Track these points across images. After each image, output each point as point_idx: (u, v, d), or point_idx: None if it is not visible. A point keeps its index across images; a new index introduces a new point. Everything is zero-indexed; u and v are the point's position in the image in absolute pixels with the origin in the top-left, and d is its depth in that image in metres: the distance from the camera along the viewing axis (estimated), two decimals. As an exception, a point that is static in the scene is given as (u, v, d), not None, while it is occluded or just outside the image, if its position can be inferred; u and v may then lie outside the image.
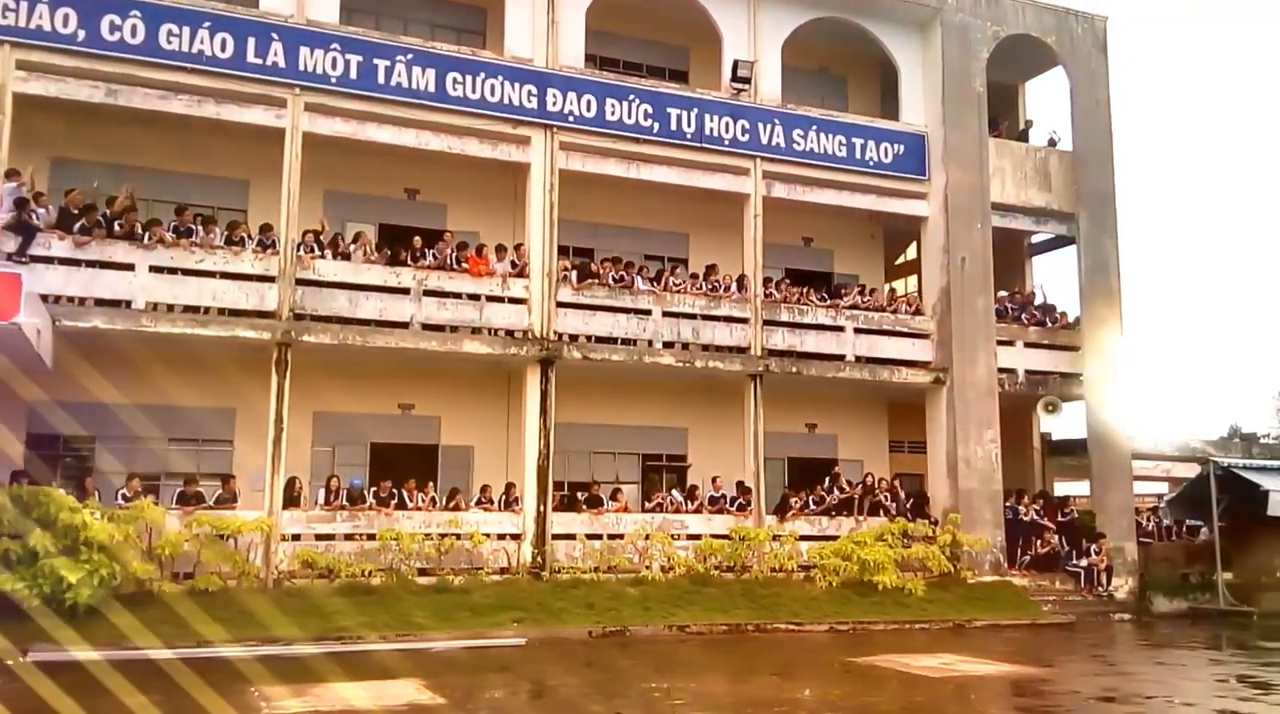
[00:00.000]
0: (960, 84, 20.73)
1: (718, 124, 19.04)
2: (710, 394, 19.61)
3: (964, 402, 19.94)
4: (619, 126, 18.38)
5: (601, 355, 17.92)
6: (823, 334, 19.65)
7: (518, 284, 17.62)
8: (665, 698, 10.31)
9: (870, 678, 11.81)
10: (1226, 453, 23.00)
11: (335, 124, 16.85)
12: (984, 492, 19.77)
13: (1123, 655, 15.22)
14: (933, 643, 14.73)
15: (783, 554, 17.94)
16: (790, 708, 10.02)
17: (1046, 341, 21.43)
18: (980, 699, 10.89)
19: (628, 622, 15.10)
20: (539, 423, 17.28)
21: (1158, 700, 10.69)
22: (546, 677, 11.98)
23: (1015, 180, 21.24)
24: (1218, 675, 12.56)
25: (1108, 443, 21.00)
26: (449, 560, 16.05)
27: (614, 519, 17.55)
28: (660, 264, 20.24)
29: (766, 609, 16.26)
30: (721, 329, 18.88)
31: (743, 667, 12.76)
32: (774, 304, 19.39)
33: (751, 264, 19.27)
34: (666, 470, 20.35)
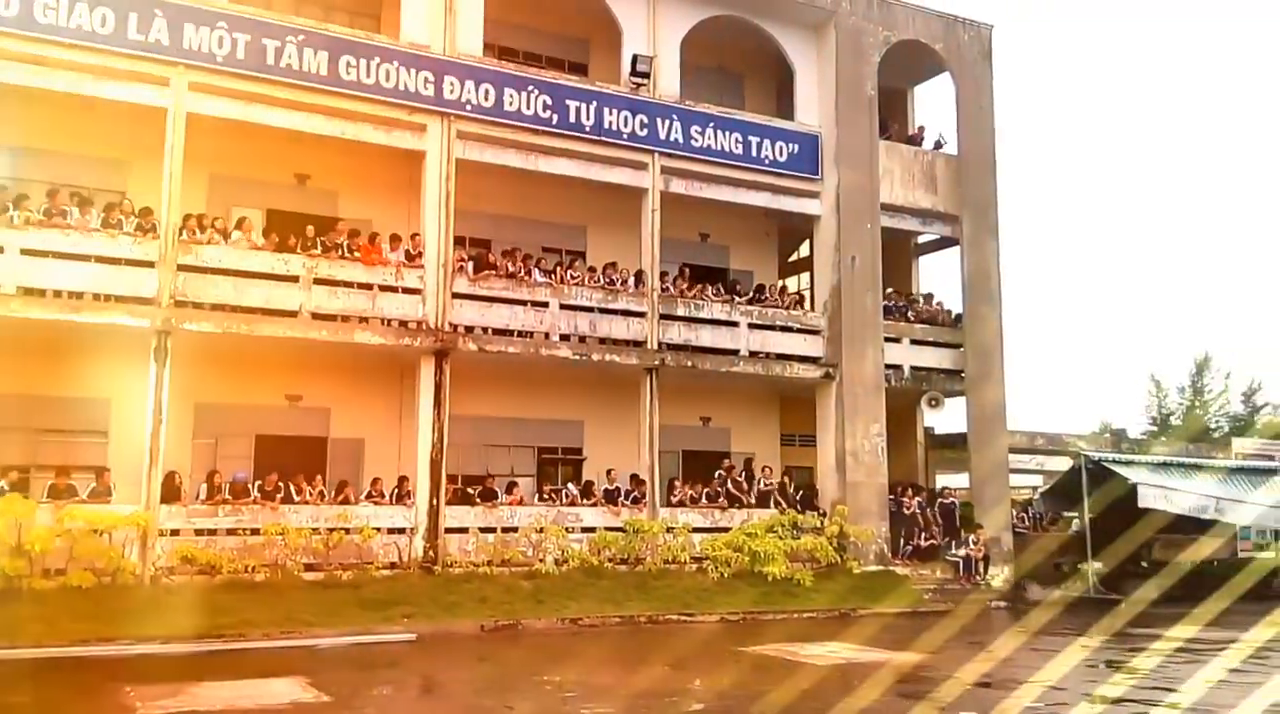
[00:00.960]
0: (853, 87, 21.21)
1: (617, 118, 19.07)
2: (606, 387, 19.66)
3: (852, 396, 20.45)
4: (518, 117, 18.24)
5: (498, 347, 17.77)
6: (718, 329, 19.90)
7: (412, 274, 17.34)
8: (557, 691, 10.30)
9: (759, 667, 12.02)
10: (1097, 448, 24.08)
11: (221, 105, 16.29)
12: (870, 484, 20.32)
13: (999, 642, 15.81)
14: (820, 631, 15.06)
15: (675, 546, 18.11)
16: (681, 698, 10.13)
17: (931, 339, 22.13)
18: (864, 685, 11.18)
19: (521, 615, 15.04)
20: (433, 415, 17.05)
21: (1031, 685, 11.15)
22: (437, 672, 11.85)
23: (903, 182, 21.85)
24: (1088, 661, 13.16)
25: (986, 437, 21.81)
26: (337, 555, 15.72)
27: (508, 512, 17.45)
28: (558, 257, 20.19)
29: (659, 601, 16.40)
30: (618, 323, 18.93)
31: (635, 658, 12.83)
32: (670, 299, 19.55)
33: (649, 258, 19.37)
34: (562, 463, 20.33)
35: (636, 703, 9.87)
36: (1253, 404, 47.65)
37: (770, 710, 9.59)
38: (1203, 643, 14.65)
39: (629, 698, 10.09)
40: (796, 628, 15.59)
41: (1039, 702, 10.20)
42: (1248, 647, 14.29)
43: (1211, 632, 16.01)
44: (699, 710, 9.92)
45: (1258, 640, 15.04)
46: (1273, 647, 14.40)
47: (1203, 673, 11.83)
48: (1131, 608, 19.49)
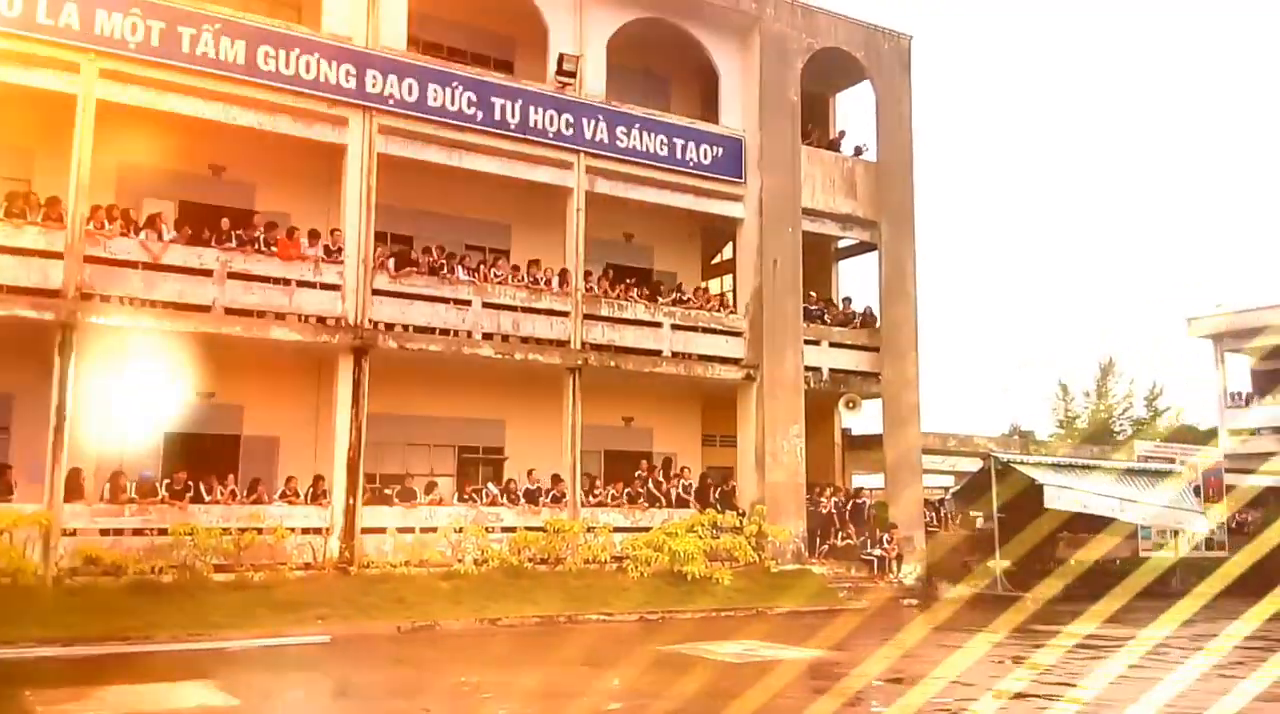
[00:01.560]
0: (776, 92, 21.48)
1: (542, 117, 19.02)
2: (529, 386, 19.59)
3: (773, 398, 20.72)
4: (441, 113, 18.08)
5: (419, 345, 17.59)
6: (641, 329, 19.98)
7: (331, 270, 17.06)
8: (475, 692, 10.25)
9: (677, 665, 12.11)
10: (1006, 449, 24.81)
11: (133, 93, 15.83)
12: (789, 484, 20.61)
13: (910, 639, 16.18)
14: (738, 630, 15.24)
15: (596, 546, 18.14)
16: (599, 698, 10.16)
17: (849, 342, 22.53)
18: (779, 683, 11.35)
19: (438, 616, 14.91)
20: (350, 413, 16.80)
21: (941, 680, 11.44)
22: (351, 675, 11.68)
23: (825, 187, 22.21)
24: (994, 657, 13.54)
25: (900, 438, 22.29)
26: (249, 556, 15.38)
27: (427, 512, 17.29)
28: (481, 255, 20.05)
29: (579, 600, 16.41)
30: (542, 322, 18.88)
31: (554, 658, 12.83)
32: (594, 298, 19.57)
33: (573, 258, 19.37)
34: (483, 463, 20.20)
35: (554, 702, 9.87)
36: (1154, 407, 49.52)
37: (685, 708, 9.68)
38: (1103, 639, 15.19)
39: (547, 697, 10.09)
40: (715, 626, 15.74)
41: (945, 696, 10.48)
42: (1146, 643, 14.85)
43: (1112, 628, 16.61)
44: (616, 709, 9.98)
45: (1155, 637, 15.64)
46: (1170, 643, 15.00)
47: (1103, 668, 12.28)
48: (1036, 604, 20.10)
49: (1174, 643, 14.95)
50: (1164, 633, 16.06)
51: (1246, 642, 15.58)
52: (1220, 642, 15.30)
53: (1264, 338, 32.45)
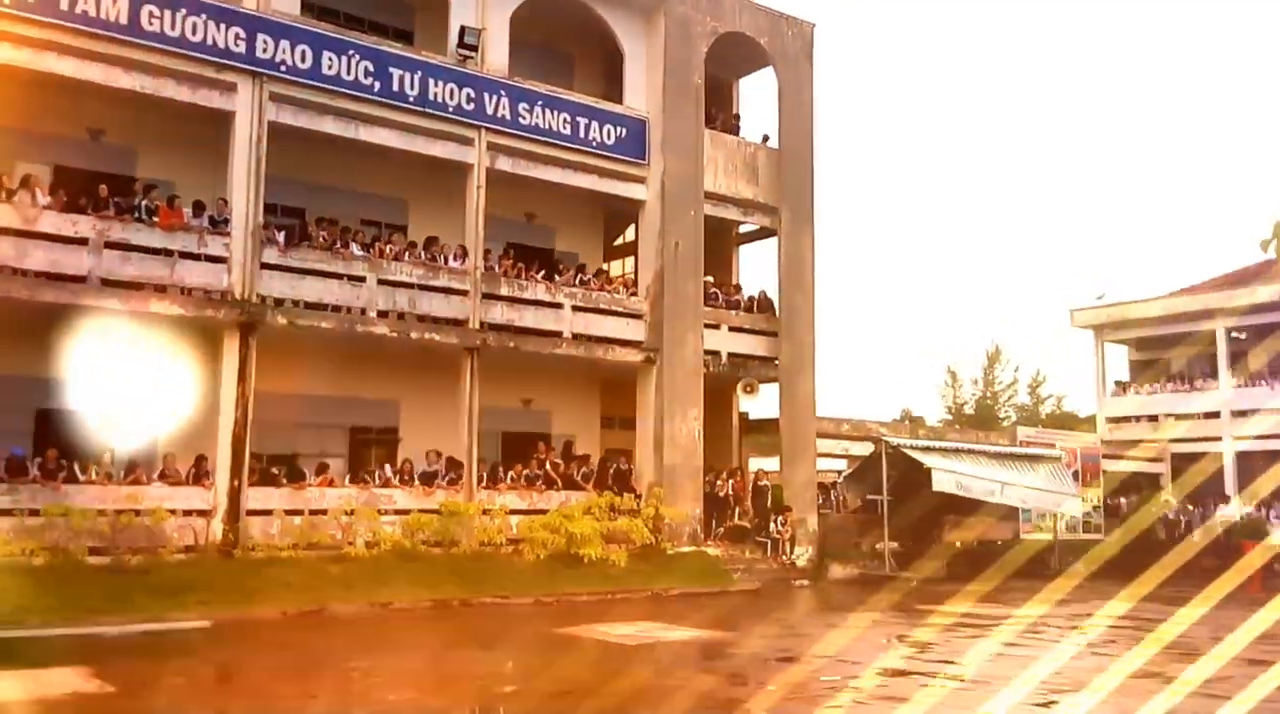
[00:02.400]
0: (681, 74, 21.46)
1: (442, 90, 18.61)
2: (425, 366, 19.22)
3: (672, 381, 20.78)
4: (337, 82, 17.53)
5: (310, 322, 17.09)
6: (541, 310, 19.79)
7: (216, 241, 16.42)
8: (363, 677, 10.03)
9: (571, 648, 12.08)
10: (897, 434, 25.40)
11: (6, 52, 14.92)
12: (686, 467, 20.73)
13: (801, 619, 16.50)
14: (633, 612, 15.28)
15: (492, 528, 17.95)
16: (492, 680, 10.06)
17: (748, 327, 22.74)
18: (672, 664, 11.42)
19: (328, 600, 14.56)
20: (236, 391, 16.23)
21: (829, 659, 11.66)
22: (234, 660, 11.32)
23: (727, 172, 22.31)
24: (880, 635, 13.88)
25: (797, 423, 22.63)
26: (126, 539, 14.74)
27: (316, 494, 16.84)
28: (377, 230, 19.57)
29: (473, 584, 16.22)
30: (439, 300, 18.53)
31: (447, 642, 12.66)
32: (494, 278, 19.30)
33: (473, 236, 19.04)
34: (377, 444, 19.77)
35: (446, 686, 9.73)
36: (1037, 395, 51.43)
37: (577, 689, 9.64)
38: (983, 617, 15.72)
39: (438, 681, 9.94)
40: (610, 608, 15.76)
41: (832, 673, 10.68)
42: (1023, 621, 15.41)
43: (991, 607, 17.20)
44: (509, 692, 9.89)
45: (1032, 615, 16.25)
46: (1046, 621, 15.59)
47: (982, 646, 12.69)
48: (922, 585, 20.69)
49: (1050, 621, 15.55)
50: (1040, 612, 16.69)
51: (1118, 621, 16.30)
52: (1094, 621, 15.98)
53: (1140, 329, 33.96)
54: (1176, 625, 15.31)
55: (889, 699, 9.14)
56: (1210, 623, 16.04)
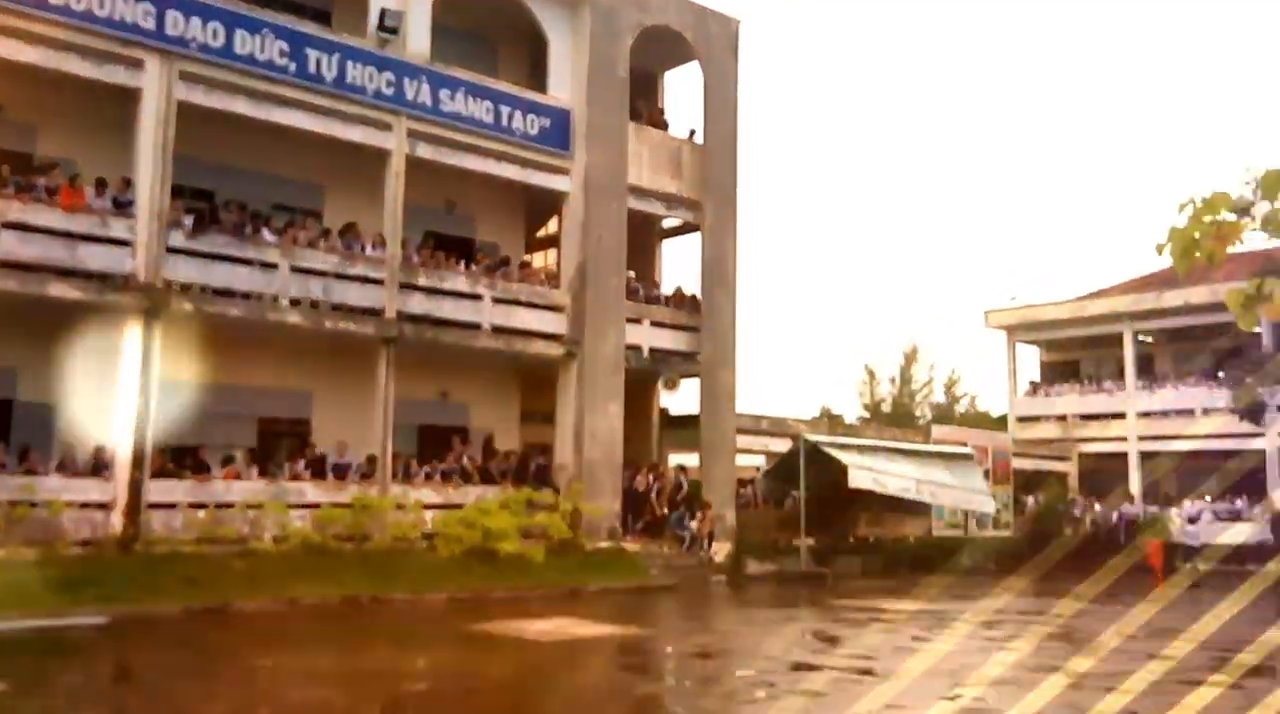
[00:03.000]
0: (606, 66, 21.31)
1: (361, 73, 18.16)
2: (339, 357, 18.77)
3: (593, 375, 20.65)
4: (250, 62, 16.97)
5: (218, 309, 16.53)
6: (460, 301, 19.45)
7: (120, 224, 15.77)
8: (269, 676, 9.71)
9: (485, 644, 11.89)
10: (816, 431, 25.65)
11: (-109, 16, 14.11)
12: (606, 462, 20.62)
13: (717, 615, 16.54)
14: (549, 608, 15.13)
15: (406, 523, 17.60)
16: (402, 679, 9.83)
17: (670, 322, 22.71)
18: (587, 660, 11.31)
19: (233, 597, 14.10)
20: (139, 380, 15.61)
21: (743, 654, 11.68)
22: (132, 658, 10.89)
23: (651, 166, 22.24)
24: (795, 631, 13.96)
25: (716, 419, 22.69)
26: (20, 532, 14.08)
27: (222, 487, 16.30)
28: (290, 215, 19.01)
29: (386, 580, 15.88)
30: (355, 289, 18.09)
31: (356, 639, 12.37)
32: (412, 267, 18.92)
33: (390, 224, 18.64)
34: (287, 435, 19.24)
35: (354, 685, 9.47)
36: (953, 394, 52.53)
37: (493, 688, 9.48)
38: (896, 612, 15.93)
39: (346, 680, 9.67)
40: (526, 605, 15.58)
41: (749, 669, 10.69)
42: (934, 616, 15.67)
43: (904, 602, 17.46)
44: (420, 690, 9.67)
45: (942, 610, 16.53)
46: (954, 615, 15.87)
47: (893, 640, 12.84)
48: (838, 581, 20.95)
49: (959, 616, 15.83)
50: (950, 606, 17.00)
51: (1024, 615, 16.68)
52: (1001, 615, 16.33)
53: (1051, 331, 34.89)
54: (1080, 620, 15.72)
55: (802, 694, 9.16)
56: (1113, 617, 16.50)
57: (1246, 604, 19.99)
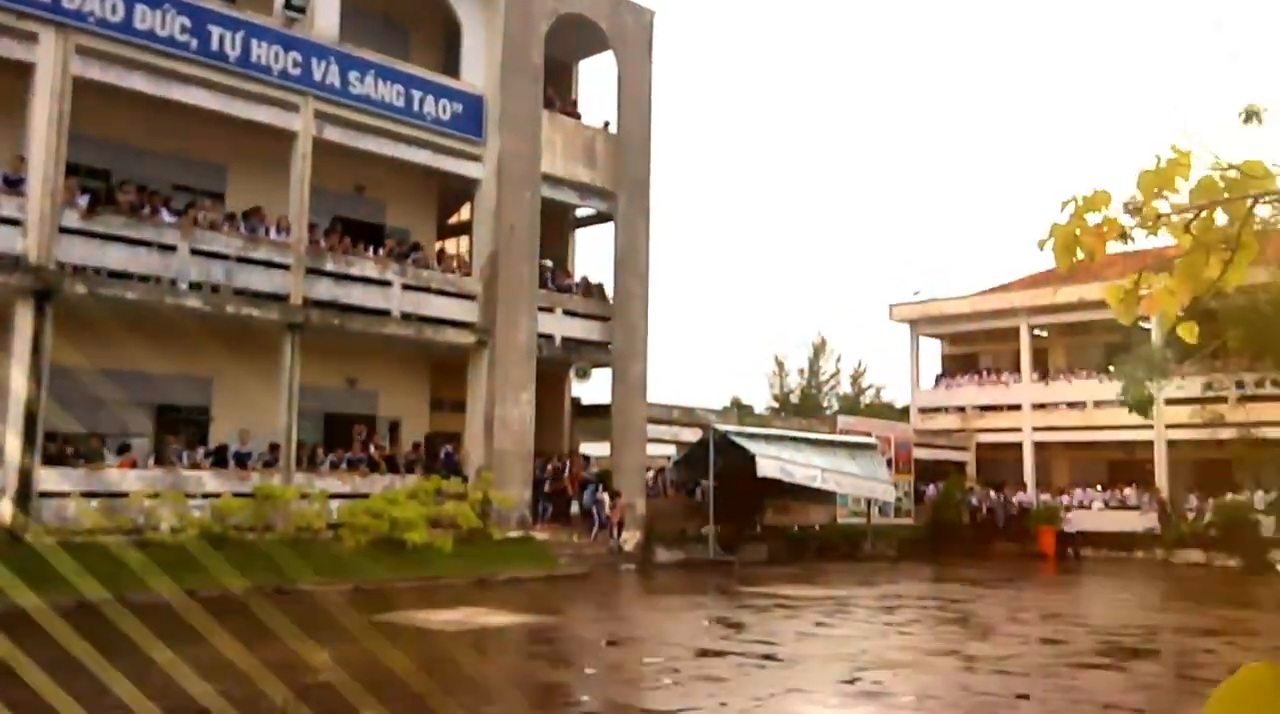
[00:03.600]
0: (520, 52, 21.16)
1: (266, 52, 17.70)
2: (242, 342, 18.30)
3: (504, 364, 20.54)
4: (150, 37, 16.40)
5: (113, 292, 15.98)
6: (369, 287, 19.15)
7: (10, 202, 15.11)
8: (162, 669, 9.44)
9: (390, 635, 11.76)
10: (725, 421, 25.95)
11: None
12: (517, 451, 20.55)
13: (626, 602, 16.65)
14: (457, 598, 15.05)
15: (310, 513, 17.29)
16: (302, 671, 9.67)
17: (582, 311, 22.72)
18: (494, 649, 11.29)
19: (127, 588, 13.66)
20: (29, 364, 15.00)
21: (650, 642, 11.79)
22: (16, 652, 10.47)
23: (565, 155, 22.18)
24: (702, 617, 14.16)
25: (628, 408, 22.80)
26: (-104, 522, 13.44)
27: (117, 475, 15.79)
28: (191, 197, 18.45)
29: (289, 571, 15.57)
30: (259, 274, 17.66)
31: (256, 631, 12.08)
32: (319, 252, 18.54)
33: (296, 207, 18.23)
34: (186, 423, 18.70)
35: (254, 676, 9.27)
36: (859, 385, 53.68)
37: (397, 678, 9.39)
38: (799, 599, 16.26)
39: (243, 672, 9.46)
40: (434, 595, 15.46)
41: (656, 656, 10.80)
42: (835, 602, 16.04)
43: (808, 588, 17.83)
44: (322, 682, 9.53)
45: (844, 596, 16.93)
46: (856, 601, 16.27)
47: (796, 625, 13.11)
48: (744, 569, 21.27)
49: (860, 602, 16.24)
50: (852, 593, 17.42)
51: (923, 600, 17.18)
52: (900, 600, 16.79)
53: (953, 325, 35.88)
54: (975, 604, 16.26)
55: (707, 679, 9.30)
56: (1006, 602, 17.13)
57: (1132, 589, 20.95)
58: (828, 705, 8.61)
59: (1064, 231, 2.65)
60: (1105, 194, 2.74)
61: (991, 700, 8.72)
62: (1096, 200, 2.70)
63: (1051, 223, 2.67)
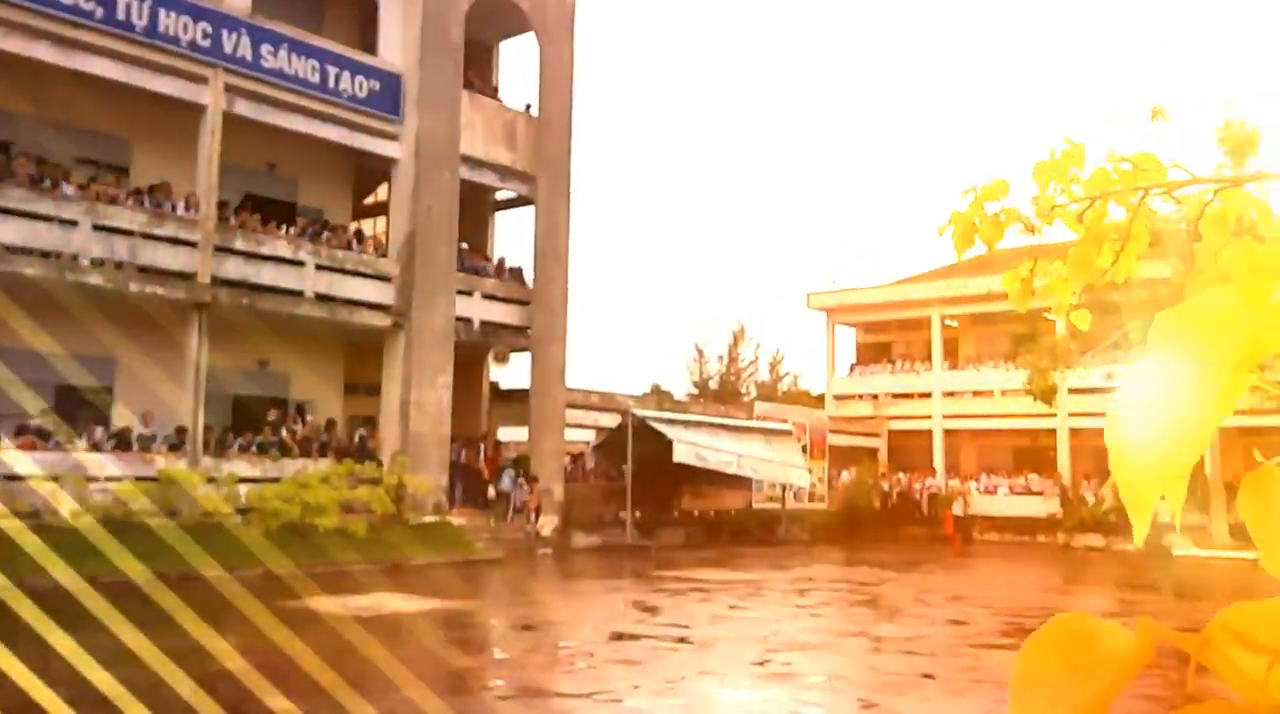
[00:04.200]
0: (439, 31, 20.82)
1: (175, 23, 17.11)
2: (146, 322, 17.70)
3: (421, 347, 20.27)
4: (53, 5, 15.72)
5: (10, 268, 15.33)
6: (282, 267, 18.71)
7: (-105, 171, 14.40)
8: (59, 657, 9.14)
9: (300, 621, 11.55)
10: (644, 407, 26.05)
11: None
12: (433, 436, 20.33)
13: (542, 587, 16.63)
14: (370, 583, 14.84)
15: (218, 497, 16.87)
16: (205, 658, 9.45)
17: (502, 295, 22.54)
18: (407, 636, 11.18)
19: (22, 575, 13.16)
20: (-84, 342, 14.34)
21: (565, 626, 11.80)
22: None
23: (485, 136, 21.93)
24: (617, 602, 14.22)
25: (547, 393, 22.72)
26: None
27: (14, 458, 15.17)
28: (95, 170, 17.78)
29: (195, 556, 15.18)
30: (165, 251, 17.12)
31: (161, 618, 11.77)
32: (229, 229, 18.05)
33: (205, 183, 17.70)
34: (87, 405, 18.04)
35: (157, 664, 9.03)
36: (777, 372, 54.32)
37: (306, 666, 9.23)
38: (714, 582, 16.44)
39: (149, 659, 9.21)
40: (346, 581, 15.23)
41: (571, 640, 10.81)
42: (749, 585, 16.26)
43: (722, 572, 18.03)
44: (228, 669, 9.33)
45: (758, 579, 17.16)
46: (769, 585, 16.51)
47: (710, 609, 13.26)
48: (661, 553, 21.41)
49: (773, 585, 16.48)
50: (766, 576, 17.67)
51: (833, 583, 17.51)
52: (812, 583, 17.09)
53: (867, 314, 36.53)
54: (884, 587, 16.64)
55: (621, 663, 9.35)
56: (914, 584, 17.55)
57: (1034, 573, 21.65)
58: (739, 687, 8.73)
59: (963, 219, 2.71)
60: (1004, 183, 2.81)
61: (898, 680, 8.94)
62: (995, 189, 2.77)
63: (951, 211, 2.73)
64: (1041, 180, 2.81)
